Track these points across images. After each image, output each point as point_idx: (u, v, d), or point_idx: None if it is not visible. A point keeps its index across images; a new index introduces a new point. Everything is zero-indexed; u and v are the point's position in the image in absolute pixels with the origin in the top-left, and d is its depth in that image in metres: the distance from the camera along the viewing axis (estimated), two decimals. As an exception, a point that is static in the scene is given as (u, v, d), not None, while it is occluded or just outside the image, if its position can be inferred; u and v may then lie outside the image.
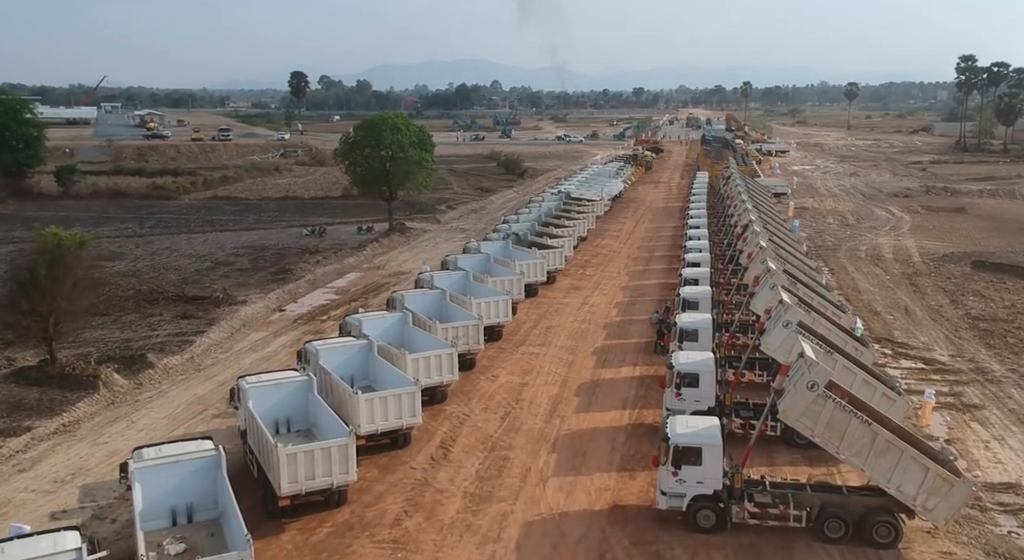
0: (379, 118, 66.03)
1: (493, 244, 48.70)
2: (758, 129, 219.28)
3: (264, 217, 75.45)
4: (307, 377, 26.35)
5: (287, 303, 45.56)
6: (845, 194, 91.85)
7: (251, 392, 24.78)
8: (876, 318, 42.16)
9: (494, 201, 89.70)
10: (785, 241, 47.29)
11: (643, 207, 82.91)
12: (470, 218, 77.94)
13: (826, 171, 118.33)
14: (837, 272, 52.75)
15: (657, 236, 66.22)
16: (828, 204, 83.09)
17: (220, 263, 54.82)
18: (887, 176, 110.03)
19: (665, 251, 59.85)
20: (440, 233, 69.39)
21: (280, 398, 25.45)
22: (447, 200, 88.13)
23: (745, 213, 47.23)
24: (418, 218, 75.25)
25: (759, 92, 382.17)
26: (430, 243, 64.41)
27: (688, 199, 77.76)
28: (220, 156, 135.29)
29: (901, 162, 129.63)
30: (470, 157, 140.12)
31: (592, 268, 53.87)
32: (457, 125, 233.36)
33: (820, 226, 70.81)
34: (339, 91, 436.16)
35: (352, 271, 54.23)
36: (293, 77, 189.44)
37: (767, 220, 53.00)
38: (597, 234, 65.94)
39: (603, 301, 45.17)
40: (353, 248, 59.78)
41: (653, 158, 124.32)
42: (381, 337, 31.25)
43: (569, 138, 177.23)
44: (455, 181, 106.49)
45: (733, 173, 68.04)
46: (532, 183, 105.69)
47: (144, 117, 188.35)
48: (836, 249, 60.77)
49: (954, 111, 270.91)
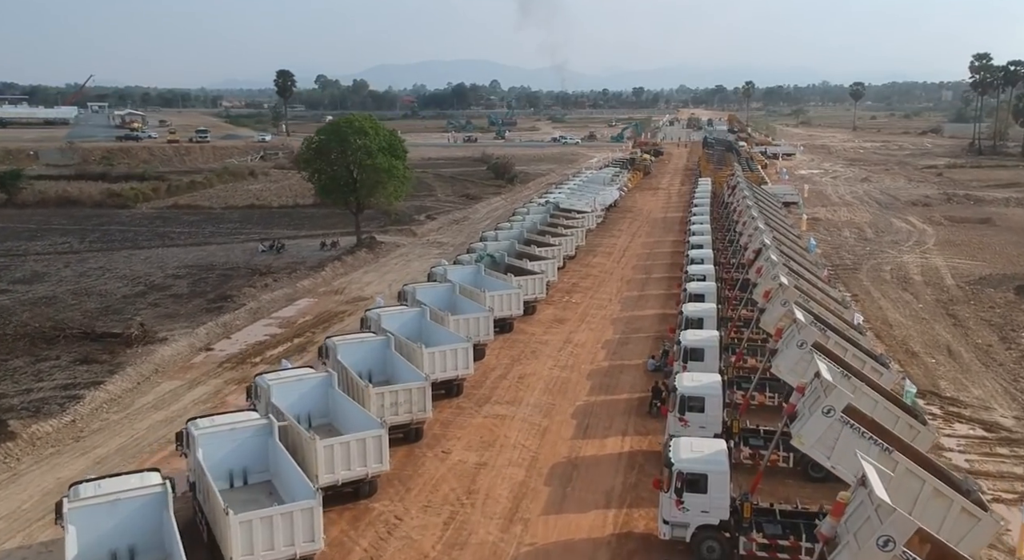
0: (344, 120, 59.14)
1: (462, 270, 41.77)
2: (761, 130, 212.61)
3: (222, 229, 68.57)
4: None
5: (218, 339, 38.66)
6: (859, 202, 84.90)
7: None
8: (914, 362, 35.26)
9: (479, 210, 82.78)
10: (803, 267, 40.43)
11: (640, 218, 75.95)
12: (450, 230, 71.01)
13: (836, 176, 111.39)
14: (862, 299, 45.85)
15: (655, 252, 59.27)
16: (842, 214, 76.15)
17: (154, 287, 47.92)
18: (902, 182, 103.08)
19: (663, 271, 52.94)
20: (415, 248, 62.47)
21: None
22: (428, 209, 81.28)
23: (757, 234, 40.37)
24: (392, 230, 68.34)
25: (760, 92, 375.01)
26: (401, 261, 57.49)
27: (689, 209, 70.93)
28: (196, 159, 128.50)
29: (914, 166, 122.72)
30: (460, 160, 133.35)
31: (579, 294, 46.93)
32: (451, 126, 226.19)
33: (836, 241, 63.89)
34: (334, 90, 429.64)
35: (305, 297, 47.33)
36: (279, 76, 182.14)
37: (781, 238, 46.18)
38: (587, 251, 59.01)
39: (590, 339, 38.25)
40: (311, 268, 52.88)
41: (652, 162, 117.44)
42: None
43: (565, 140, 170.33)
44: (440, 187, 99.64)
45: (740, 182, 61.24)
46: (522, 189, 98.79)
47: (124, 117, 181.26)
48: (856, 269, 53.87)
49: (961, 111, 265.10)
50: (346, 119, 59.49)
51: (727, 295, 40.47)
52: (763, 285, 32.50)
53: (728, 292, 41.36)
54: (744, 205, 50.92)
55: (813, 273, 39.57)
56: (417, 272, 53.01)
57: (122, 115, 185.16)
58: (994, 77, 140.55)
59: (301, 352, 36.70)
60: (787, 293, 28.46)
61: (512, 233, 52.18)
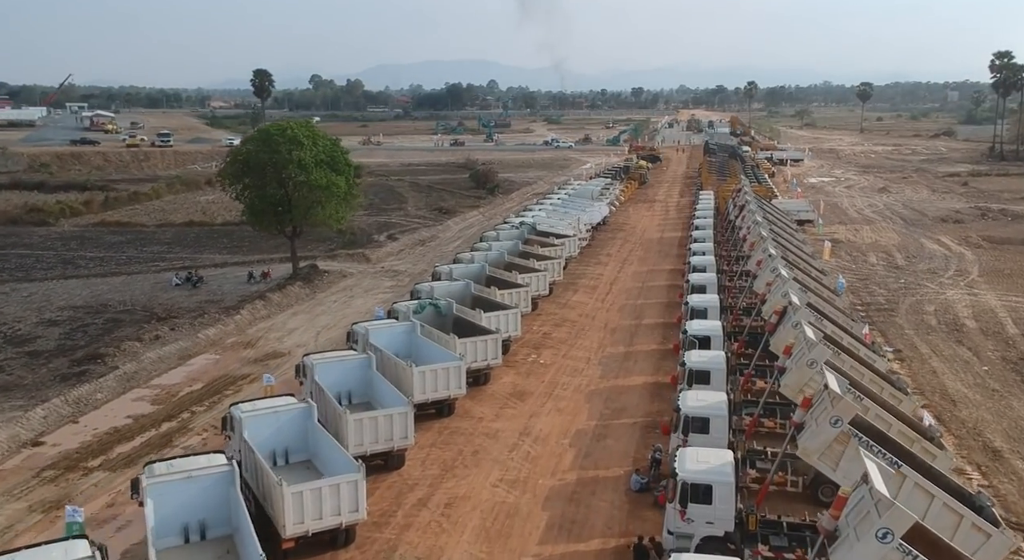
0: (276, 128, 49.31)
1: (390, 330, 31.93)
2: (764, 133, 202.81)
3: (145, 254, 58.79)
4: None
5: (59, 426, 28.93)
6: (881, 218, 75.10)
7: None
8: (1001, 468, 25.53)
9: (451, 227, 72.97)
10: (840, 325, 30.71)
11: (633, 238, 66.06)
12: (412, 254, 61.17)
13: (850, 185, 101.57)
14: (907, 358, 36.14)
15: (648, 287, 49.45)
16: (865, 235, 66.30)
17: (12, 340, 38.15)
18: (924, 193, 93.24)
19: (657, 313, 43.17)
20: (364, 279, 52.67)
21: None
22: (393, 226, 71.51)
23: (778, 283, 30.60)
24: (342, 255, 58.53)
25: (762, 93, 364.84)
26: (342, 297, 47.69)
27: (690, 227, 61.20)
28: (155, 165, 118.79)
29: (933, 173, 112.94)
30: (442, 166, 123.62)
31: (550, 350, 37.09)
32: (441, 127, 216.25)
33: (862, 269, 54.11)
34: (328, 90, 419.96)
35: (205, 352, 37.57)
36: (256, 76, 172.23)
37: (803, 279, 36.47)
38: (567, 284, 49.15)
39: (556, 428, 28.43)
40: (225, 309, 43.11)
41: (648, 169, 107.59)
42: None
43: (557, 143, 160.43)
44: (413, 198, 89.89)
45: (749, 201, 51.51)
46: (504, 201, 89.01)
47: (93, 119, 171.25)
48: (892, 310, 44.11)
49: (972, 113, 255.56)
50: (277, 126, 49.65)
51: (737, 364, 30.78)
52: (794, 375, 22.96)
53: (737, 353, 31.75)
54: (755, 231, 41.07)
55: (854, 336, 29.79)
56: (362, 309, 43.50)
57: (90, 116, 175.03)
58: (1017, 76, 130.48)
59: (162, 448, 26.96)
60: (839, 407, 18.77)
61: (470, 270, 42.31)
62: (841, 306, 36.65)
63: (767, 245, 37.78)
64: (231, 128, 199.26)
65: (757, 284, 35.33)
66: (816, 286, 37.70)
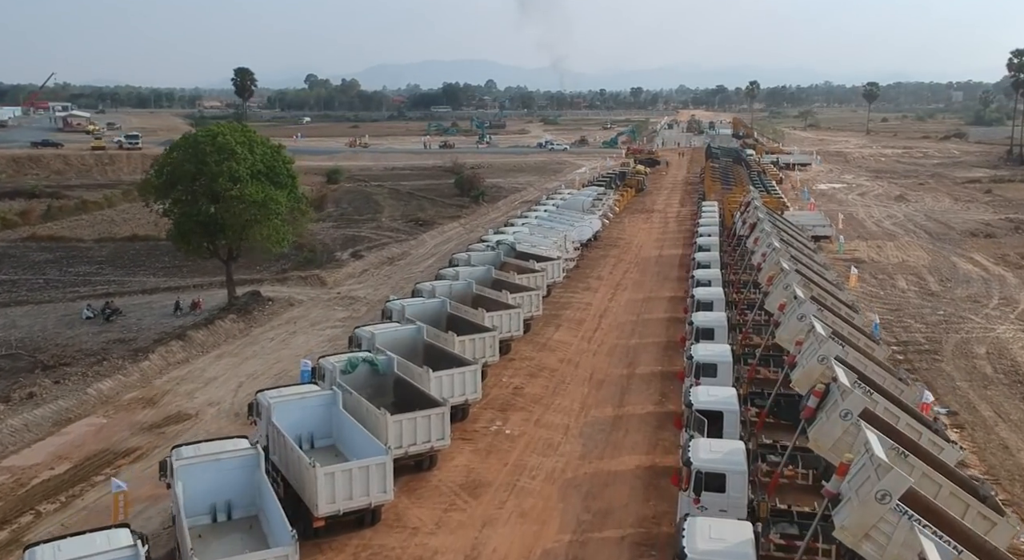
0: (205, 133, 41.97)
1: (302, 402, 24.43)
2: (767, 134, 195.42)
3: (68, 276, 51.44)
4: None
5: None
6: (904, 232, 67.70)
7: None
8: None
9: (426, 242, 65.52)
10: (896, 399, 23.34)
11: (628, 256, 58.59)
12: (376, 276, 53.74)
13: (863, 192, 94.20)
14: (967, 422, 28.81)
15: (644, 320, 41.99)
16: (890, 253, 58.87)
17: None
18: (946, 201, 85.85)
19: (654, 357, 35.79)
20: (314, 308, 45.26)
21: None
22: (361, 240, 64.12)
23: (813, 342, 23.22)
24: (294, 278, 51.09)
25: (763, 93, 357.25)
26: (282, 334, 40.25)
27: (692, 244, 53.94)
28: (121, 168, 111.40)
29: (951, 179, 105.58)
30: (427, 171, 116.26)
31: (519, 415, 29.61)
32: (433, 128, 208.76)
33: (891, 297, 46.75)
34: (322, 90, 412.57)
35: (93, 413, 30.22)
36: (237, 75, 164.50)
37: (836, 324, 29.10)
38: (549, 317, 41.67)
39: (516, 546, 20.97)
40: (134, 351, 35.72)
41: (646, 174, 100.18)
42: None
43: (552, 145, 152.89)
44: (390, 207, 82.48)
45: (761, 218, 44.10)
46: (489, 210, 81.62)
47: (66, 119, 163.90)
48: (935, 352, 36.77)
49: (980, 113, 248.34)
50: (207, 131, 42.31)
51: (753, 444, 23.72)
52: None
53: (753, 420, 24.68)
54: (771, 260, 33.59)
55: (919, 419, 22.44)
56: (300, 351, 36.08)
57: (63, 116, 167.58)
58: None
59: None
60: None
61: (427, 309, 34.81)
62: (881, 357, 29.31)
63: (791, 283, 30.34)
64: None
65: (780, 334, 27.94)
66: (850, 331, 30.32)
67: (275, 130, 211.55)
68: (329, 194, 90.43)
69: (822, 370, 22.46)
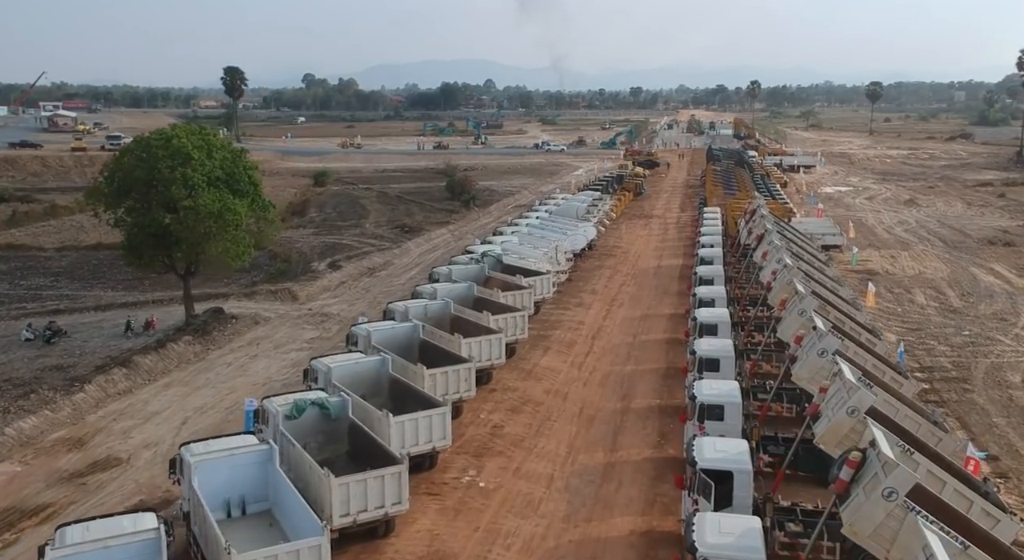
0: (158, 135, 38.15)
1: (232, 459, 20.57)
2: (769, 134, 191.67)
3: (19, 289, 47.83)
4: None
5: None
6: (917, 240, 63.93)
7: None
8: None
9: (411, 251, 61.75)
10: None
11: (624, 267, 54.76)
12: (353, 289, 49.98)
13: (871, 196, 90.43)
14: (1010, 471, 25.02)
15: (641, 342, 38.18)
16: (905, 264, 55.06)
17: None
18: (959, 206, 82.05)
19: (651, 387, 32.00)
20: (281, 327, 41.48)
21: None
22: (341, 249, 60.41)
23: (844, 391, 19.43)
24: (263, 292, 47.28)
25: (763, 92, 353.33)
26: (242, 358, 36.50)
27: (693, 254, 50.27)
28: (101, 171, 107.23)
29: (961, 182, 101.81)
30: (419, 173, 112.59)
31: (496, 461, 25.70)
32: (429, 128, 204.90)
33: (910, 315, 42.96)
34: (319, 90, 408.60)
35: (9, 458, 26.45)
36: (226, 73, 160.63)
37: (857, 356, 25.34)
38: (536, 339, 37.78)
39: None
40: (70, 380, 31.96)
41: (645, 177, 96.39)
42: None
43: (548, 146, 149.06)
44: (376, 211, 78.78)
45: (769, 228, 40.28)
46: (480, 215, 77.87)
47: (52, 119, 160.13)
48: (965, 380, 33.01)
49: (984, 114, 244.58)
50: (160, 133, 38.49)
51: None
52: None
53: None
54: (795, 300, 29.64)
55: (966, 480, 18.67)
56: (251, 389, 32.25)
57: (48, 116, 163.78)
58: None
59: None
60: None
61: (397, 334, 31.01)
62: (911, 394, 25.58)
63: (808, 311, 26.56)
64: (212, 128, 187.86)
65: (799, 372, 24.15)
66: (874, 364, 26.53)
67: (269, 130, 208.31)
68: (313, 198, 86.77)
69: (852, 424, 19.12)
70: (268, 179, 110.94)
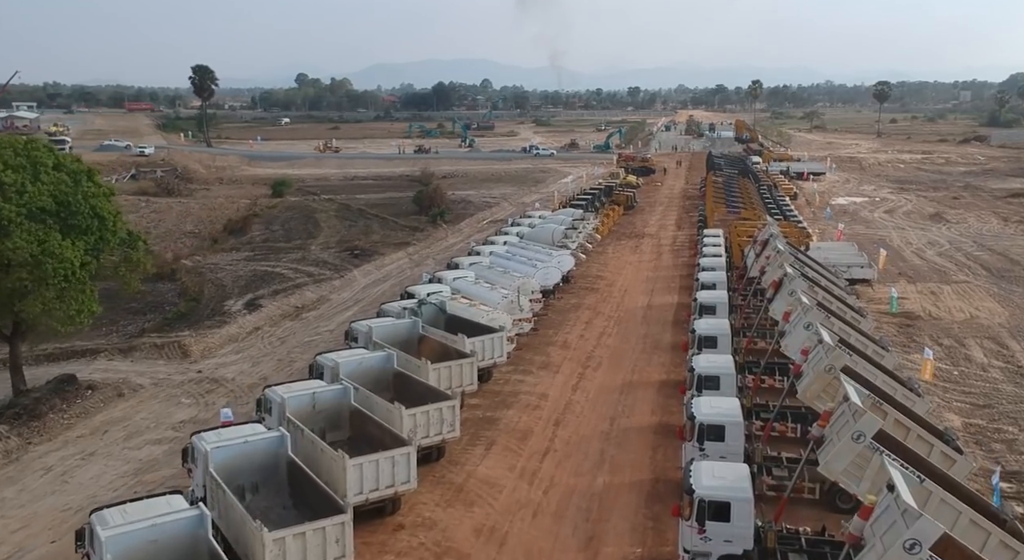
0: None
1: None
2: (772, 137, 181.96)
3: None
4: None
5: None
6: (956, 267, 54.11)
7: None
8: None
9: (356, 281, 51.90)
10: None
11: (607, 306, 44.80)
12: (270, 338, 40.01)
13: (890, 209, 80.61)
14: None
15: (620, 429, 28.28)
16: (950, 303, 45.10)
17: None
18: (994, 222, 72.18)
19: (631, 522, 22.21)
20: (149, 403, 31.54)
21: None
22: (272, 279, 50.60)
23: None
24: (145, 347, 37.30)
25: (764, 92, 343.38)
26: (71, 459, 26.59)
27: (692, 291, 40.69)
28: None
29: (988, 192, 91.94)
30: (392, 181, 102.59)
31: None
32: (415, 130, 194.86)
33: (971, 380, 33.11)
34: (310, 89, 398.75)
35: None
36: (195, 73, 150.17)
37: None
38: (478, 424, 27.96)
39: None
40: None
41: (638, 186, 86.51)
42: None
43: (537, 150, 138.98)
44: (330, 229, 68.97)
45: (789, 274, 30.49)
46: (448, 234, 68.05)
47: (7, 120, 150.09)
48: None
49: (994, 114, 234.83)
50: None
51: None
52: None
53: None
54: (845, 413, 20.12)
55: None
56: (63, 512, 22.48)
57: (3, 117, 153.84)
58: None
59: None
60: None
61: (255, 451, 20.99)
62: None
63: (864, 434, 16.91)
64: (182, 130, 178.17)
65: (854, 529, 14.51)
66: (955, 500, 16.78)
67: (250, 131, 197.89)
68: (264, 212, 76.88)
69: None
70: (223, 188, 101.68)
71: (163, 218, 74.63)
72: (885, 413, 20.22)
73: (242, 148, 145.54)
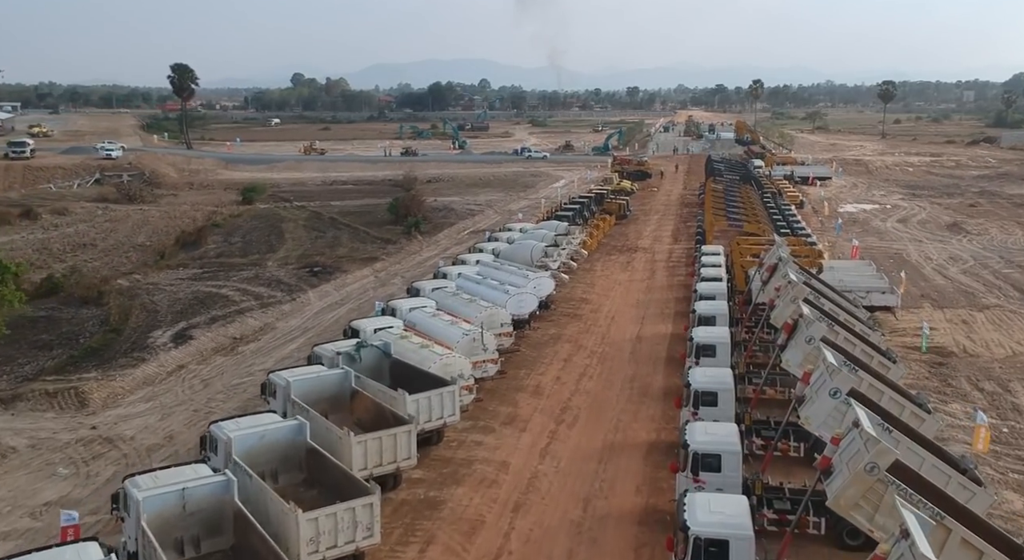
0: None
1: None
2: (773, 138, 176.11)
3: None
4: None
5: None
6: (984, 287, 48.25)
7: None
8: None
9: (310, 304, 46.01)
10: None
11: (590, 338, 38.83)
12: (191, 381, 34.04)
13: (904, 217, 74.78)
14: None
15: (596, 520, 22.34)
16: (986, 334, 39.13)
17: None
18: (1018, 233, 66.28)
19: None
20: (13, 474, 25.69)
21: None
22: (214, 302, 44.74)
23: None
24: (37, 393, 31.40)
25: (764, 92, 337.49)
26: None
27: (688, 328, 35.00)
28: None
29: (1005, 198, 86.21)
30: (372, 186, 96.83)
31: None
32: (407, 131, 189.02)
33: (1021, 436, 27.30)
34: (304, 89, 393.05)
35: None
36: (174, 72, 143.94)
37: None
38: (416, 512, 22.09)
39: None
40: None
41: (632, 193, 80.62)
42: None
43: (530, 153, 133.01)
44: (294, 241, 63.16)
45: (807, 317, 24.69)
46: (423, 246, 62.19)
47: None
48: None
49: (1001, 115, 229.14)
50: None
51: None
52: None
53: None
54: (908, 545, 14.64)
55: None
56: None
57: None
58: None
59: None
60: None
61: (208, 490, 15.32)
62: None
63: (917, 545, 11.32)
64: (167, 131, 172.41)
65: None
66: None
67: (238, 132, 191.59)
68: (226, 222, 71.01)
69: None
70: (192, 194, 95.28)
71: (116, 228, 68.79)
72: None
73: (222, 151, 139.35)
